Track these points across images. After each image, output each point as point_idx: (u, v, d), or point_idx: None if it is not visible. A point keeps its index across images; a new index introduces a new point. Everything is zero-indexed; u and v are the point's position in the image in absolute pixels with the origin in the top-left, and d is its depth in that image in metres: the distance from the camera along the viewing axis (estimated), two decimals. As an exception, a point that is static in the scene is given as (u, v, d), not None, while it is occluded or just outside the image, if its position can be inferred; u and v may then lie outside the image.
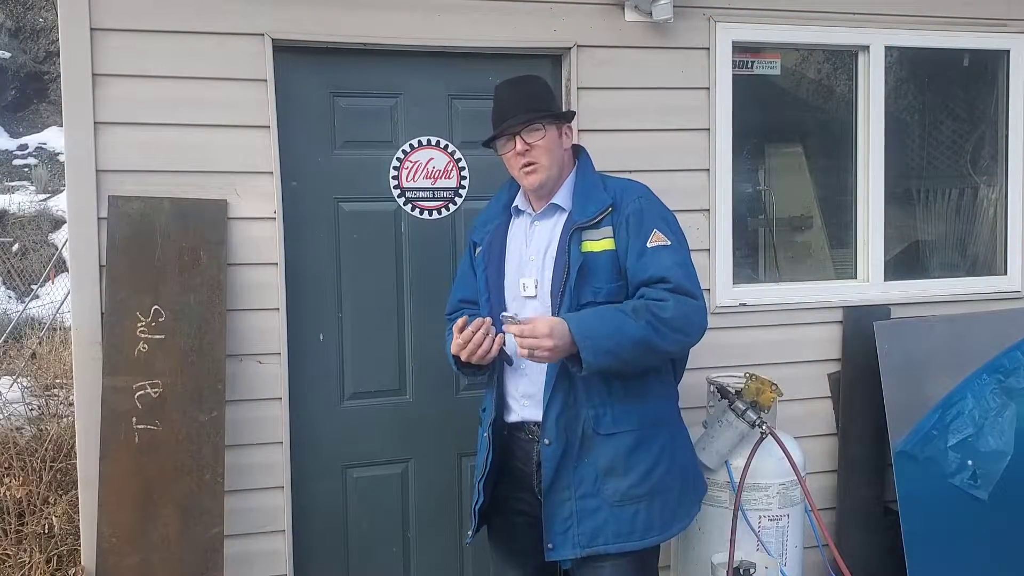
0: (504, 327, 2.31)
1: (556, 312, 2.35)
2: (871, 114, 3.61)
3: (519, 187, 2.57)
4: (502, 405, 2.52)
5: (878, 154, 3.62)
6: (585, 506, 2.38)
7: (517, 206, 2.58)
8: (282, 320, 3.03)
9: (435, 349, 3.01)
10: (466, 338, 2.35)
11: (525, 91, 2.48)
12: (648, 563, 2.49)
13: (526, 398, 2.46)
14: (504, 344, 2.40)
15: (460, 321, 2.38)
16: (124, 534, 2.80)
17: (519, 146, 2.41)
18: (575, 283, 2.34)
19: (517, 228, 2.57)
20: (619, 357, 2.25)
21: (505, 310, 2.44)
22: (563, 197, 2.47)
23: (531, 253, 2.49)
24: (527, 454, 2.48)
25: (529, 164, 2.42)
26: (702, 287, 2.45)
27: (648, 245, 2.35)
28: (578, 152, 2.56)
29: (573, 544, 2.37)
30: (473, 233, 2.70)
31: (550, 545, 2.39)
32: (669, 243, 2.37)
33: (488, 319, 2.40)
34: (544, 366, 2.37)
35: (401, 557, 3.28)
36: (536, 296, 2.44)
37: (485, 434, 2.52)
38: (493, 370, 2.51)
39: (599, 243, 2.38)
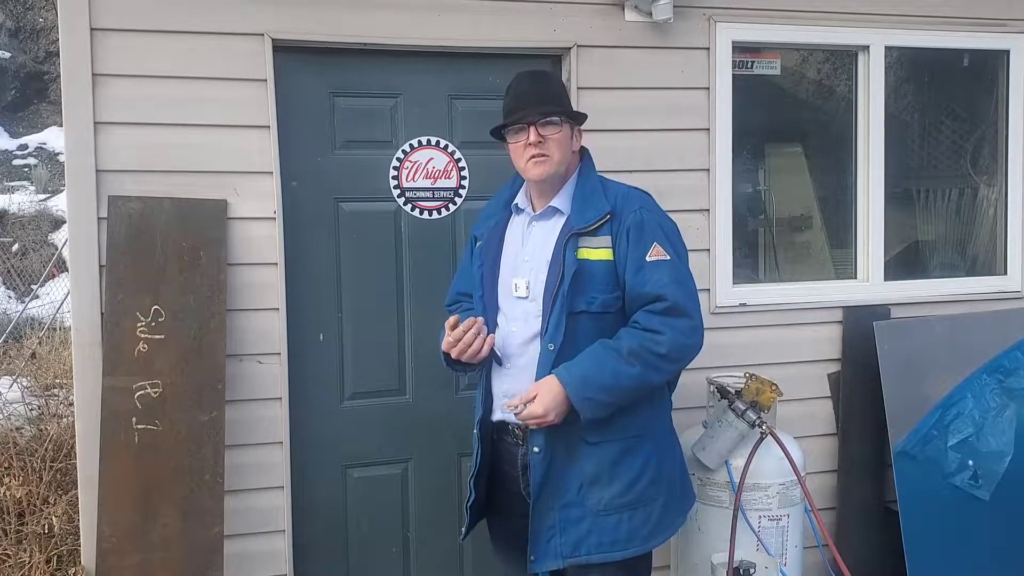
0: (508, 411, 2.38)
1: (548, 317, 2.34)
2: (871, 114, 3.61)
3: (521, 184, 2.56)
4: (489, 402, 2.52)
5: (878, 154, 3.62)
6: (568, 516, 2.37)
7: (517, 204, 2.56)
8: (282, 320, 3.03)
9: (435, 349, 3.01)
10: (457, 337, 2.39)
11: (545, 85, 2.48)
12: (634, 571, 2.46)
13: (507, 398, 2.43)
14: (495, 344, 2.42)
15: (452, 319, 2.41)
16: (124, 534, 2.80)
17: (532, 136, 2.38)
18: (569, 289, 2.32)
19: (515, 226, 2.55)
20: (616, 405, 2.33)
21: (499, 309, 2.46)
22: (562, 200, 2.45)
23: (526, 254, 2.47)
24: (513, 457, 2.48)
25: (539, 156, 2.39)
26: (701, 287, 2.45)
27: (647, 259, 2.33)
28: (582, 155, 2.54)
29: (555, 554, 2.37)
30: (475, 226, 2.68)
31: (532, 557, 2.39)
32: (668, 257, 2.35)
33: (480, 319, 2.42)
34: (532, 369, 2.38)
35: (401, 557, 3.28)
36: (527, 297, 2.43)
37: (475, 431, 2.54)
38: (483, 367, 2.52)
39: (596, 251, 2.36)
